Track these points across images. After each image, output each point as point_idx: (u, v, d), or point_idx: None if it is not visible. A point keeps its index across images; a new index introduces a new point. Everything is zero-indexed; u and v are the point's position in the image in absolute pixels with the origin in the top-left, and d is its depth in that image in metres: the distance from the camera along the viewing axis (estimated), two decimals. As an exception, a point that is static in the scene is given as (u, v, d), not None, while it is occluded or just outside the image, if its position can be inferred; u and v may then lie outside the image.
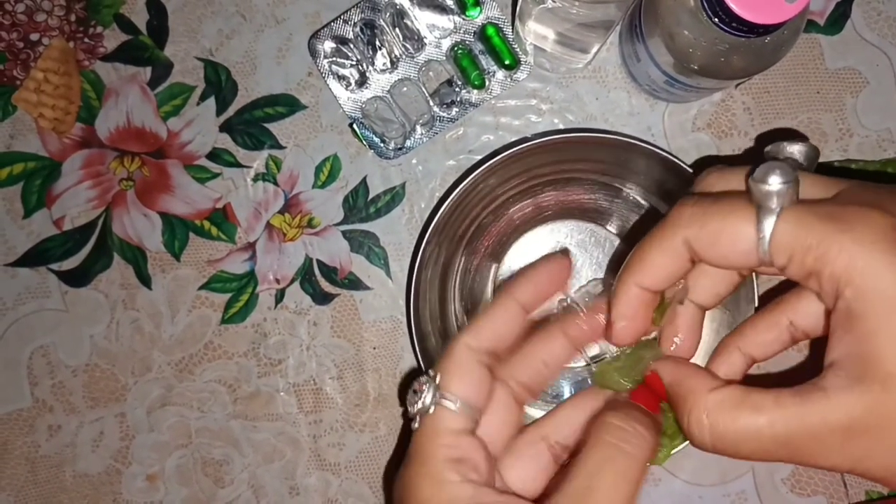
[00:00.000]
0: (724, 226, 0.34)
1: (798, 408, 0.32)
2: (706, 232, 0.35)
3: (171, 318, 0.62)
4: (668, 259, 0.36)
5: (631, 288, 0.38)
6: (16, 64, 0.62)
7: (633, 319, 0.39)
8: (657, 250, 0.37)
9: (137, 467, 0.63)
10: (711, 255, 0.35)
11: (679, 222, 0.36)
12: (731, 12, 0.43)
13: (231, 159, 0.62)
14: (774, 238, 0.33)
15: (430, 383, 0.38)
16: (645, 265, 0.37)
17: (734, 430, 0.33)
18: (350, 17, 0.60)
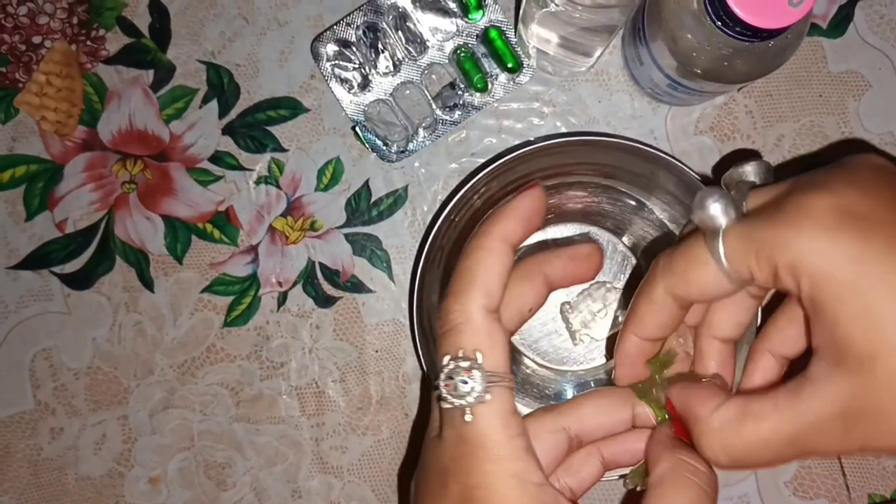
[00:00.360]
0: (688, 265, 0.36)
1: (795, 406, 0.32)
2: (677, 277, 0.37)
3: (173, 320, 0.62)
4: (656, 310, 0.38)
5: (629, 338, 0.40)
6: (18, 67, 0.62)
7: (630, 367, 0.41)
8: (645, 304, 0.39)
9: (140, 470, 0.63)
10: (692, 294, 0.37)
11: (655, 275, 0.38)
12: (735, 16, 0.43)
13: (233, 162, 0.62)
14: (728, 257, 0.34)
15: (474, 366, 0.36)
16: (638, 318, 0.39)
17: (744, 445, 0.34)
18: (353, 20, 0.60)
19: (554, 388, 0.61)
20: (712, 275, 0.35)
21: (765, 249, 0.33)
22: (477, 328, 0.36)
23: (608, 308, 0.59)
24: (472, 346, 0.36)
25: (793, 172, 0.37)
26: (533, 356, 0.60)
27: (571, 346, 0.60)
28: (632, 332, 0.40)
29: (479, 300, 0.37)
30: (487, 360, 0.36)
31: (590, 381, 0.61)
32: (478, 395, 0.36)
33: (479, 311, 0.37)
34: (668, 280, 0.37)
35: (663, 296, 0.37)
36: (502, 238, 0.39)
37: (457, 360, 0.36)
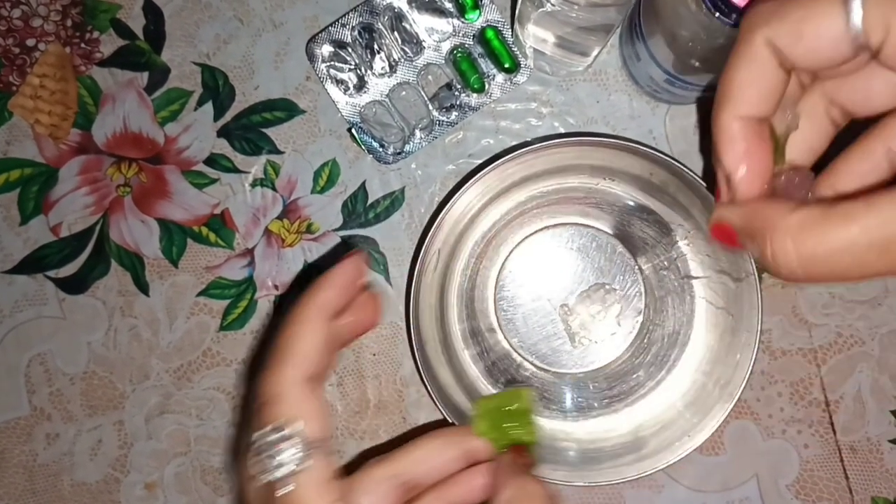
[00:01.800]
0: (808, 11, 0.30)
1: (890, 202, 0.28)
2: (788, 25, 0.31)
3: (169, 325, 0.62)
4: (756, 72, 0.32)
5: (732, 124, 0.33)
6: (12, 69, 0.61)
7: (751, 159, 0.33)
8: (741, 67, 0.32)
9: (136, 475, 0.62)
10: (799, 51, 0.31)
11: (755, 23, 0.32)
12: (731, 3, 0.43)
13: (229, 165, 0.61)
14: (866, 8, 0.29)
15: (286, 437, 0.35)
16: (735, 90, 0.33)
17: (825, 246, 0.29)
18: (348, 20, 0.59)
19: (553, 391, 0.60)
20: (834, 31, 0.30)
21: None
22: (290, 398, 0.36)
23: (607, 310, 0.59)
24: (286, 416, 0.35)
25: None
26: (531, 359, 0.60)
27: (570, 348, 0.60)
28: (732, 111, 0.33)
29: (294, 371, 0.36)
30: (303, 429, 0.35)
31: (588, 384, 0.60)
32: (293, 465, 0.35)
33: (292, 382, 0.36)
34: (774, 29, 0.31)
35: (764, 50, 0.31)
36: (319, 308, 0.38)
37: (270, 432, 0.35)
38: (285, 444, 0.35)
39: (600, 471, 0.55)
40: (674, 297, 0.59)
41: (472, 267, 0.60)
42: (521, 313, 0.60)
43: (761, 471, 0.61)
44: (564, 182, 0.59)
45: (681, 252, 0.58)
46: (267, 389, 0.36)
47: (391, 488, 0.38)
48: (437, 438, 0.41)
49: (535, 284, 0.60)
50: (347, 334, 0.42)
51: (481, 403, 0.43)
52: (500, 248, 0.60)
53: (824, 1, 0.30)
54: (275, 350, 0.38)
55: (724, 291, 0.56)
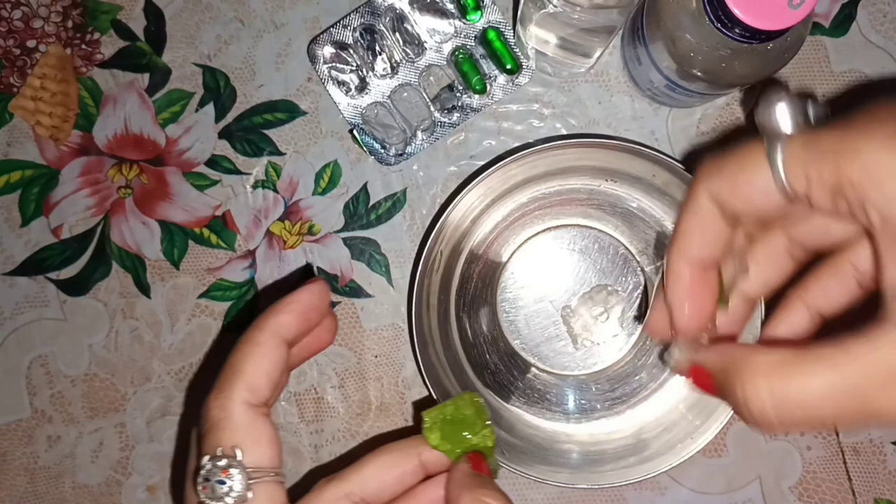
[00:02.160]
0: (740, 168, 0.33)
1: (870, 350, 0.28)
2: (724, 179, 0.33)
3: (170, 326, 0.62)
4: (700, 221, 0.34)
5: (680, 265, 0.35)
6: (12, 71, 0.61)
7: (693, 299, 0.35)
8: (689, 215, 0.35)
9: (138, 478, 0.62)
10: (736, 202, 0.33)
11: (700, 178, 0.34)
12: (734, 17, 0.43)
13: (230, 166, 0.61)
14: (786, 162, 0.31)
15: (232, 464, 0.34)
16: (684, 236, 0.35)
17: (800, 392, 0.29)
18: (349, 21, 0.59)
19: (555, 393, 0.60)
20: (763, 182, 0.32)
21: (830, 159, 0.29)
22: (237, 424, 0.35)
23: (609, 312, 0.59)
24: (232, 442, 0.34)
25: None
26: (534, 361, 0.60)
27: (573, 350, 0.60)
28: (679, 255, 0.35)
29: (242, 395, 0.35)
30: (248, 457, 0.34)
31: (591, 386, 0.60)
32: (238, 494, 0.34)
33: (239, 406, 0.35)
34: (714, 182, 0.33)
35: (707, 203, 0.34)
36: (274, 332, 0.37)
37: (214, 459, 0.34)
38: (231, 471, 0.34)
39: (603, 473, 0.55)
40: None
41: (473, 269, 0.60)
42: (523, 315, 0.60)
43: (764, 473, 0.61)
44: (566, 183, 0.59)
45: (683, 254, 0.58)
46: (213, 413, 0.35)
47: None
48: (390, 453, 0.39)
49: (537, 286, 0.60)
50: (298, 356, 0.40)
51: (430, 415, 0.42)
52: (502, 249, 0.60)
53: (753, 158, 0.32)
54: (224, 372, 0.36)
55: (726, 293, 0.56)
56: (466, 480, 0.38)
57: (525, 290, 0.60)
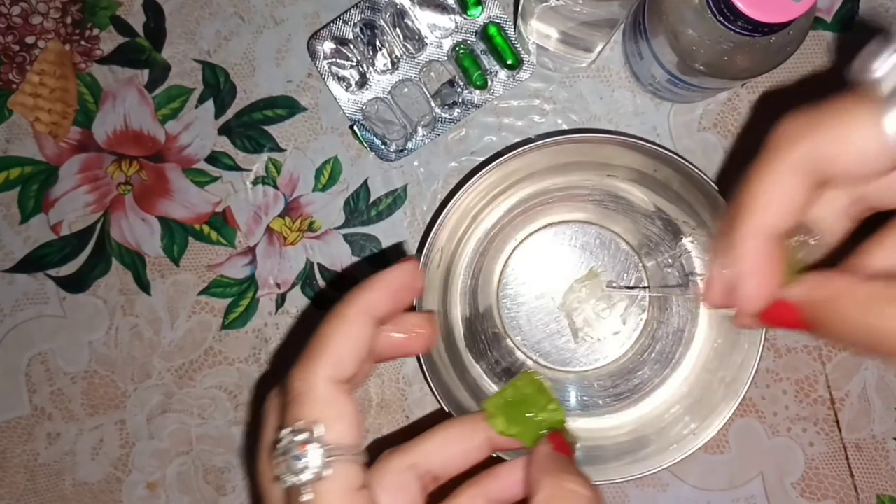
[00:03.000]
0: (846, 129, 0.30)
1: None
2: (827, 142, 0.30)
3: (170, 323, 0.61)
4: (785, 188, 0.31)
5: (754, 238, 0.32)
6: (11, 67, 0.61)
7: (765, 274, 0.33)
8: (772, 182, 0.31)
9: (138, 475, 0.62)
10: (840, 167, 0.30)
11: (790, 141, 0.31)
12: (737, 10, 0.42)
13: (230, 162, 0.61)
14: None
15: (311, 439, 0.33)
16: (763, 204, 0.32)
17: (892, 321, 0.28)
18: (350, 17, 0.59)
19: (557, 390, 0.60)
20: (877, 144, 0.29)
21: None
22: (319, 398, 0.33)
23: (612, 308, 0.59)
24: (313, 417, 0.33)
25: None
26: (535, 357, 0.59)
27: (574, 346, 0.59)
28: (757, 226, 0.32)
29: (326, 370, 0.34)
30: (329, 433, 0.33)
31: (593, 382, 0.60)
32: (314, 471, 0.32)
33: (323, 381, 0.33)
34: (811, 147, 0.30)
35: (793, 167, 0.31)
36: (363, 309, 0.35)
37: (294, 432, 0.33)
38: (309, 447, 0.32)
39: (604, 469, 0.55)
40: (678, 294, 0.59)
41: (475, 265, 0.60)
42: (524, 311, 0.60)
43: (766, 469, 0.60)
44: (568, 179, 0.59)
45: (685, 249, 0.58)
46: (295, 386, 0.34)
47: (410, 480, 0.36)
48: (456, 426, 0.38)
49: (538, 282, 0.60)
50: (391, 350, 0.39)
51: (491, 403, 0.41)
52: (503, 245, 0.60)
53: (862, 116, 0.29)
54: (309, 346, 0.35)
55: (728, 289, 0.56)
56: (548, 464, 0.36)
57: (526, 287, 0.60)
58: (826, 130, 0.30)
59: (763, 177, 0.32)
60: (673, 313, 0.59)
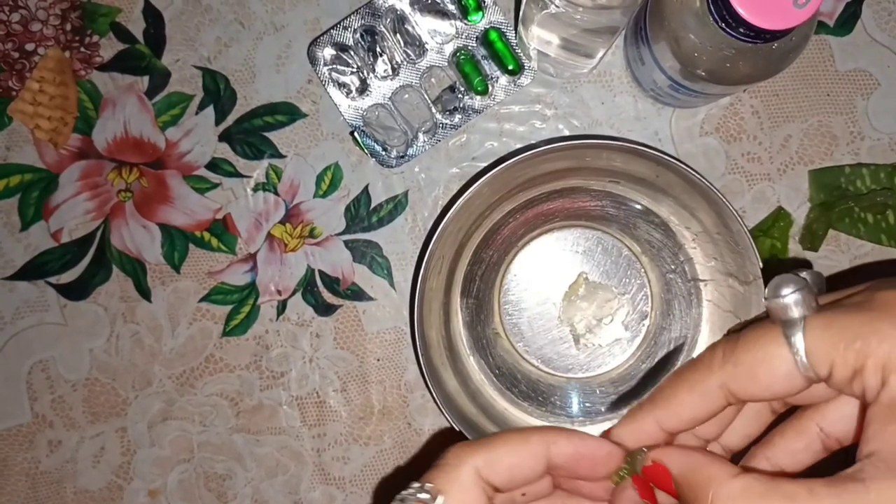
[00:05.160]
0: (756, 357, 0.33)
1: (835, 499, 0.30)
2: (741, 370, 0.34)
3: (171, 331, 0.61)
4: (701, 403, 0.35)
5: (647, 421, 0.36)
6: (11, 74, 0.61)
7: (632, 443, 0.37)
8: (691, 394, 0.35)
9: (139, 483, 0.62)
10: (754, 390, 0.34)
11: (712, 366, 0.34)
12: (738, 17, 0.42)
13: (231, 169, 0.61)
14: (808, 349, 0.32)
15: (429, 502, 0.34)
16: (673, 407, 0.36)
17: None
18: (350, 23, 0.58)
19: (559, 396, 0.60)
20: (785, 371, 0.32)
21: (855, 343, 0.31)
22: (457, 479, 0.35)
23: (614, 316, 0.58)
24: (441, 486, 0.34)
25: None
26: (537, 363, 0.59)
27: (576, 352, 0.59)
28: (657, 419, 0.36)
29: (478, 461, 0.35)
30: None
31: (595, 388, 0.60)
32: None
33: (470, 468, 0.35)
34: (729, 373, 0.34)
35: (716, 390, 0.34)
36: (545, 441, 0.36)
37: (420, 489, 0.34)
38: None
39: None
40: (681, 300, 0.58)
41: (476, 271, 0.59)
42: (526, 317, 0.59)
43: (769, 475, 0.60)
44: (569, 185, 0.58)
45: (687, 255, 0.58)
46: (447, 456, 0.35)
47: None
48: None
49: (540, 288, 0.59)
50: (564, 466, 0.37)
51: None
52: (504, 251, 0.60)
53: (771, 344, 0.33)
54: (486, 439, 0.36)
55: (731, 295, 0.55)
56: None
57: (528, 293, 0.59)
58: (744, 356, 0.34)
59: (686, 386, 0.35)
60: (675, 319, 0.59)
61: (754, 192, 0.60)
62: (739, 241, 0.52)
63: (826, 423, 0.37)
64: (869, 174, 0.58)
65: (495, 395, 0.59)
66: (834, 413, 0.37)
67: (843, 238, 0.60)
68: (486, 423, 0.56)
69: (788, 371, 0.32)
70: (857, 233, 0.59)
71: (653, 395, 0.37)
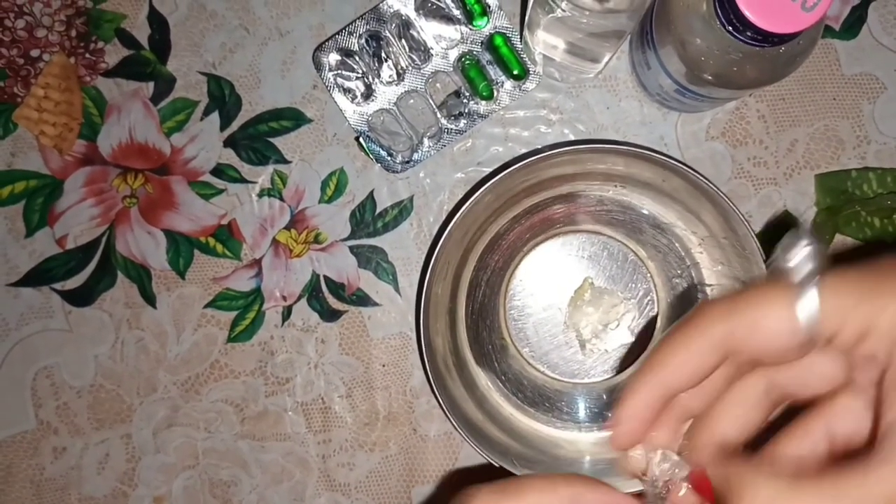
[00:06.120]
0: (762, 309, 0.32)
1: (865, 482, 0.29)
2: (743, 322, 0.33)
3: (176, 337, 0.61)
4: (699, 357, 0.34)
5: (652, 387, 0.35)
6: (16, 81, 0.61)
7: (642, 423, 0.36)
8: (687, 348, 0.34)
9: (144, 489, 0.62)
10: (753, 344, 0.33)
11: (711, 318, 0.34)
12: (746, 20, 0.42)
13: (236, 175, 0.61)
14: (822, 306, 0.31)
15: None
16: (671, 363, 0.34)
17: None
18: (355, 28, 0.58)
19: (566, 402, 0.59)
20: (787, 325, 0.32)
21: (867, 306, 0.30)
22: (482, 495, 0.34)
23: (620, 321, 0.58)
24: None
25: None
26: (543, 369, 0.59)
27: (582, 357, 0.59)
28: (659, 380, 0.35)
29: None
30: None
31: (601, 394, 0.59)
32: None
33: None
34: (729, 326, 0.33)
35: (715, 342, 0.33)
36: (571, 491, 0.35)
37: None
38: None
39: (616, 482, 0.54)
40: (687, 305, 0.58)
41: (482, 276, 0.59)
42: (531, 322, 0.59)
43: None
44: (575, 189, 0.58)
45: (694, 259, 0.57)
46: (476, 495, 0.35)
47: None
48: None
49: (545, 293, 0.59)
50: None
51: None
52: (510, 256, 0.59)
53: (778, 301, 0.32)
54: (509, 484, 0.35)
55: (738, 299, 0.55)
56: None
57: (533, 298, 0.59)
58: (742, 311, 0.33)
59: (677, 342, 0.34)
60: (682, 324, 0.58)
61: (760, 196, 0.60)
62: (746, 245, 0.52)
63: (835, 423, 0.36)
64: (875, 178, 0.58)
65: (501, 401, 0.59)
66: (840, 412, 0.36)
67: (850, 242, 0.60)
68: (492, 428, 0.56)
69: (791, 326, 0.32)
70: (863, 237, 0.59)
71: (651, 358, 0.35)
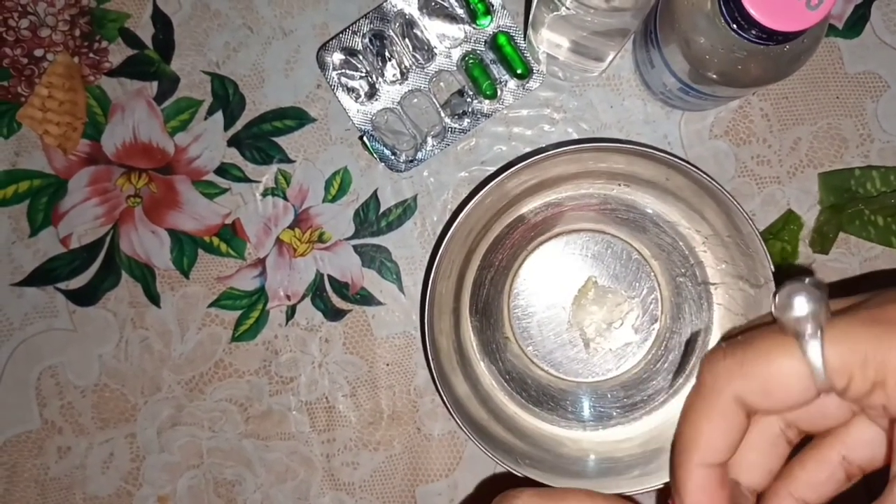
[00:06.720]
0: (771, 370, 0.32)
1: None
2: (753, 382, 0.32)
3: (180, 336, 0.61)
4: (723, 424, 0.33)
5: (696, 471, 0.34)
6: (20, 80, 0.61)
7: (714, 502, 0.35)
8: (708, 419, 0.34)
9: (148, 489, 0.62)
10: (768, 403, 0.33)
11: (719, 380, 0.33)
12: (750, 18, 0.42)
13: (239, 174, 0.61)
14: (828, 363, 0.31)
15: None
16: (701, 440, 0.34)
17: None
18: (359, 27, 0.58)
19: (570, 401, 0.59)
20: (800, 383, 0.31)
21: (876, 356, 0.30)
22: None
23: (624, 319, 0.58)
24: None
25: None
26: (547, 368, 0.59)
27: (586, 356, 0.59)
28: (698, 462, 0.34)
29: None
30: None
31: (606, 393, 0.59)
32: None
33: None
34: (740, 385, 0.32)
35: (733, 406, 0.33)
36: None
37: None
38: None
39: (620, 481, 0.55)
40: (691, 303, 0.58)
41: (485, 275, 0.59)
42: (535, 321, 0.59)
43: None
44: (578, 188, 0.58)
45: (698, 258, 0.57)
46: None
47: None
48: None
49: (549, 292, 0.59)
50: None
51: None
52: (513, 255, 0.60)
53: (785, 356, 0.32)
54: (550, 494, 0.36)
55: (742, 298, 0.55)
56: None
57: (537, 297, 0.59)
58: (756, 369, 0.32)
59: (702, 414, 0.34)
60: (686, 323, 0.58)
61: (764, 195, 0.60)
62: (750, 243, 0.52)
63: (849, 450, 0.36)
64: (879, 176, 0.58)
65: (506, 400, 0.59)
66: (854, 439, 0.35)
67: (854, 241, 0.60)
68: (496, 427, 0.56)
69: (804, 385, 0.31)
70: (867, 235, 0.59)
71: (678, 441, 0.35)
